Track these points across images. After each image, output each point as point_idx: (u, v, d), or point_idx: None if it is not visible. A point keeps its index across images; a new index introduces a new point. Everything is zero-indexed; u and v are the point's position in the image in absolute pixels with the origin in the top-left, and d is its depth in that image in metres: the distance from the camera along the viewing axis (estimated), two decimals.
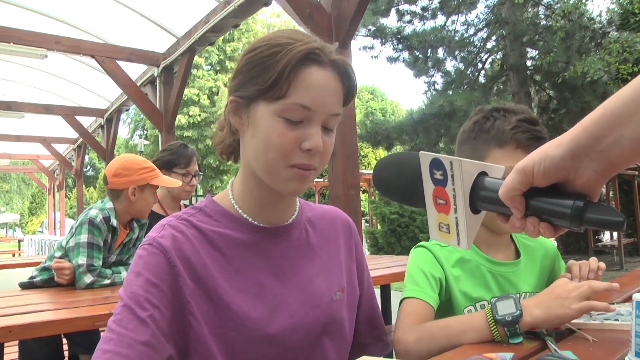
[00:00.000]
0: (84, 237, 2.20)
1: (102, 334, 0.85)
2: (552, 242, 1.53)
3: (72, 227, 2.32)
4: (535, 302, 1.05)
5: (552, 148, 0.61)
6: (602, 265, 1.36)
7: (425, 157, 0.71)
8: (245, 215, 0.98)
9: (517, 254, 1.42)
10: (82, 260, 2.18)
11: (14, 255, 15.11)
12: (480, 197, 0.69)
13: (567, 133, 0.61)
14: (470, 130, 1.36)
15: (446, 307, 1.29)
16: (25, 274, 2.46)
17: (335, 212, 1.17)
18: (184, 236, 0.92)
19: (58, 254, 2.33)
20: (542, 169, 0.61)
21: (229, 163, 1.10)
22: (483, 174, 0.70)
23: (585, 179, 0.60)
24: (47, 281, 2.34)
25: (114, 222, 2.30)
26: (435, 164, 0.70)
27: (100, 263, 2.25)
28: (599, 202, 0.61)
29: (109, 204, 2.32)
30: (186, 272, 0.89)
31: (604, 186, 12.30)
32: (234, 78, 0.95)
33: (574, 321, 1.08)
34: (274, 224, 1.00)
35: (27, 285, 2.37)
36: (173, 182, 2.53)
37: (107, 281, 2.23)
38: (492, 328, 1.03)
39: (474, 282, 1.32)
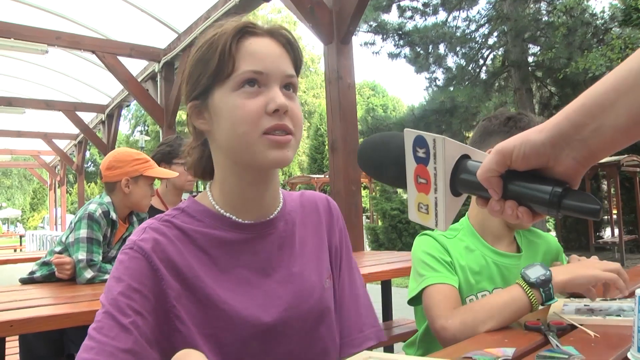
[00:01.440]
0: (83, 232, 2.20)
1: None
2: (555, 239, 1.54)
3: (71, 223, 2.32)
4: (562, 268, 1.15)
5: (534, 133, 0.62)
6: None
7: (410, 135, 0.70)
8: (228, 214, 0.95)
9: (519, 250, 1.44)
10: (82, 255, 2.18)
11: (15, 250, 15.16)
12: (461, 179, 0.68)
13: (550, 120, 0.61)
14: (502, 124, 1.38)
15: None
16: (26, 269, 2.46)
17: (315, 196, 1.13)
18: (166, 238, 0.89)
19: (58, 249, 2.33)
20: (522, 153, 0.62)
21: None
22: (466, 156, 0.69)
23: (564, 167, 0.60)
24: (47, 276, 2.34)
25: (113, 215, 2.30)
26: (419, 142, 0.70)
27: (100, 258, 2.25)
28: (578, 190, 0.61)
29: (107, 198, 2.33)
30: (170, 274, 0.87)
31: (605, 183, 12.30)
32: (186, 86, 0.95)
33: (576, 317, 1.08)
34: (259, 219, 0.97)
35: (27, 281, 2.37)
36: (168, 173, 2.51)
37: (108, 276, 2.22)
38: (529, 294, 1.10)
39: (478, 272, 1.35)
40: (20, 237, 19.59)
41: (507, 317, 1.10)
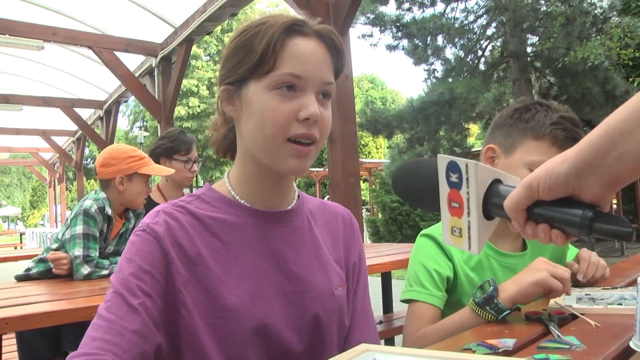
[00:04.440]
0: (79, 229, 2.19)
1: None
2: None
3: (67, 219, 2.31)
4: (511, 279, 1.12)
5: (558, 164, 0.62)
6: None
7: (443, 160, 0.72)
8: (242, 201, 0.96)
9: (524, 246, 1.42)
10: (78, 251, 2.17)
11: (15, 248, 15.17)
12: (493, 203, 0.70)
13: (572, 148, 0.62)
14: (508, 116, 1.33)
15: (453, 296, 1.29)
16: (26, 267, 2.45)
17: (336, 206, 1.14)
18: (177, 223, 0.89)
19: (54, 245, 2.32)
20: (548, 186, 0.62)
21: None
22: (497, 181, 0.71)
23: (591, 194, 0.61)
24: (43, 273, 2.33)
25: (108, 211, 2.28)
26: (452, 167, 0.71)
27: (97, 254, 2.24)
28: (609, 213, 0.62)
29: (102, 194, 2.31)
30: (179, 260, 0.87)
31: None
32: (222, 67, 0.95)
33: (577, 306, 1.07)
34: (274, 209, 0.97)
35: (23, 278, 2.36)
36: (164, 170, 2.49)
37: (105, 272, 2.21)
38: (480, 313, 1.08)
39: (481, 274, 1.33)
40: (21, 234, 19.63)
41: None
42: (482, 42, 12.52)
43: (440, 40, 12.34)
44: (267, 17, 0.91)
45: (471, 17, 12.45)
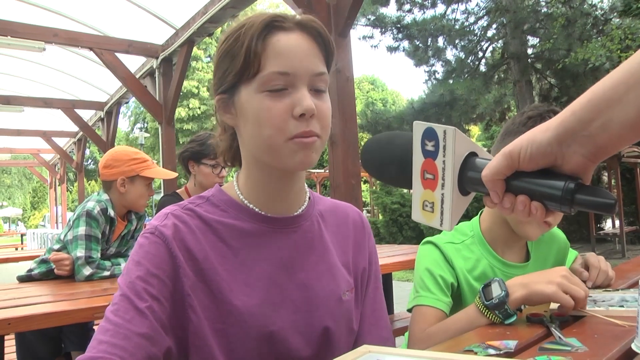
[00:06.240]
0: (81, 230, 2.20)
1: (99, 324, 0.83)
2: (563, 234, 1.51)
3: (69, 220, 2.31)
4: (521, 281, 1.09)
5: (540, 133, 0.60)
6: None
7: (419, 127, 0.68)
8: (251, 206, 0.94)
9: (528, 257, 1.41)
10: (80, 252, 2.18)
11: (16, 249, 15.18)
12: (469, 177, 0.66)
13: (555, 117, 0.60)
14: (521, 124, 1.29)
15: (458, 306, 1.28)
16: (28, 268, 2.46)
17: (348, 207, 1.12)
18: (186, 227, 0.89)
19: (56, 246, 2.33)
20: (529, 154, 0.60)
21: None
22: (473, 154, 0.67)
23: (573, 164, 0.59)
24: (45, 274, 2.33)
25: (111, 212, 2.29)
26: (428, 134, 0.67)
27: (99, 255, 2.24)
28: (591, 185, 0.60)
29: (105, 196, 2.32)
30: (187, 263, 0.86)
31: (606, 174, 12.28)
32: (213, 77, 0.94)
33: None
34: (283, 213, 0.96)
35: (25, 279, 2.36)
36: (167, 173, 2.49)
37: (107, 273, 2.22)
38: (487, 315, 1.06)
39: (484, 281, 1.31)
40: (22, 235, 19.62)
41: None
42: (482, 43, 12.54)
43: (440, 41, 12.37)
44: (245, 20, 0.89)
45: (472, 19, 12.47)
